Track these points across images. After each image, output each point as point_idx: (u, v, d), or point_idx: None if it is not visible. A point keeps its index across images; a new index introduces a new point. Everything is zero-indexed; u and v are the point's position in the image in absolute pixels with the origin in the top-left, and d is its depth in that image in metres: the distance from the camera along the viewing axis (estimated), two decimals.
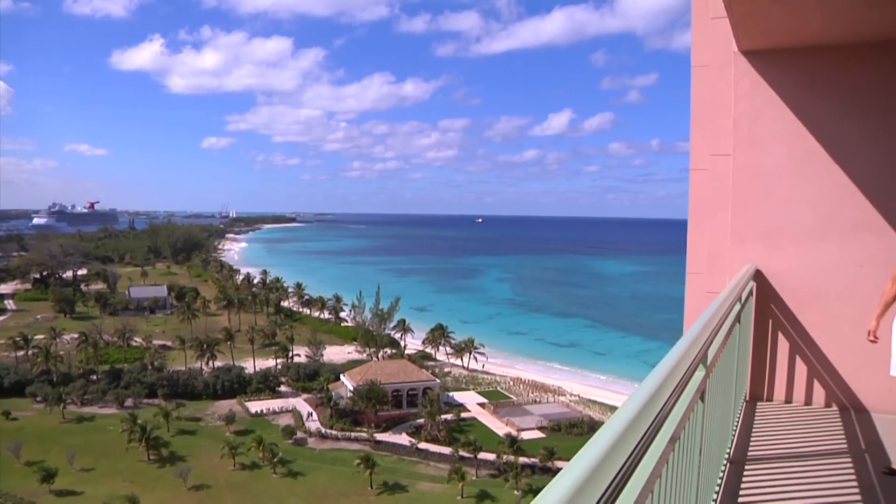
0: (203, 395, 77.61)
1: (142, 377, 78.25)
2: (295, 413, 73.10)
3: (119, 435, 64.08)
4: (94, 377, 79.93)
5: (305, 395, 77.44)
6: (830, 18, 5.99)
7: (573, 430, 66.10)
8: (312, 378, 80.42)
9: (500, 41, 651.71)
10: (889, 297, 5.23)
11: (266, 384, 79.61)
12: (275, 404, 75.56)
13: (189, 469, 59.65)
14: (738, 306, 4.80)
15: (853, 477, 5.01)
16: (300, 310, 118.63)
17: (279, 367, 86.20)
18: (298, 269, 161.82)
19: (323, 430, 69.04)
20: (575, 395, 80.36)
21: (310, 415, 71.02)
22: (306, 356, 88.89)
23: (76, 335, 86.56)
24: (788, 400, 6.82)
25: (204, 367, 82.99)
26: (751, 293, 6.52)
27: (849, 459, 5.36)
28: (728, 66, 7.00)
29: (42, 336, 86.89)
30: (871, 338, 5.37)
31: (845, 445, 5.68)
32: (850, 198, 6.35)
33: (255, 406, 74.92)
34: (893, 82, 6.58)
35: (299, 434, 68.56)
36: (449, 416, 70.24)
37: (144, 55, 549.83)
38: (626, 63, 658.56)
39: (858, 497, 4.65)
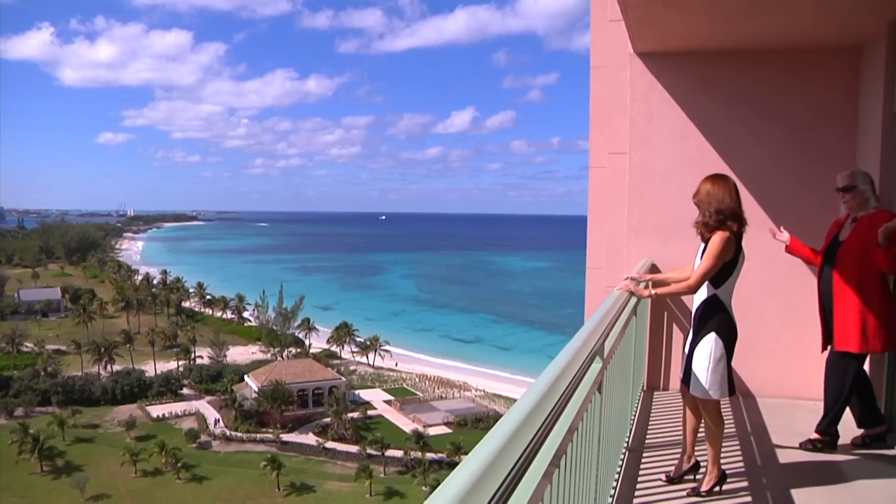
0: (101, 400, 73.94)
1: (34, 384, 73.91)
2: (198, 416, 71.15)
3: (8, 447, 60.15)
4: None
5: (209, 398, 75.31)
6: (716, 25, 6.26)
7: (479, 424, 66.74)
8: (216, 380, 78.19)
9: (403, 39, 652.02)
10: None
11: (168, 387, 76.83)
12: (177, 408, 73.11)
13: (87, 479, 56.88)
14: (634, 300, 4.94)
15: (740, 458, 5.26)
16: (202, 310, 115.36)
17: (181, 369, 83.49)
18: (200, 269, 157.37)
19: (228, 432, 67.37)
20: (480, 390, 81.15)
21: (217, 421, 69.13)
22: (209, 357, 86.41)
23: None
24: None
25: (102, 372, 79.53)
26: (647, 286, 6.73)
27: (736, 442, 5.62)
28: (625, 67, 7.22)
29: None
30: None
31: (734, 430, 5.94)
32: None
33: (157, 410, 72.32)
34: (770, 86, 6.97)
35: (203, 437, 66.63)
36: (355, 415, 69.78)
37: (32, 44, 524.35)
38: (527, 62, 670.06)
39: (745, 478, 4.88)
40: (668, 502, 4.47)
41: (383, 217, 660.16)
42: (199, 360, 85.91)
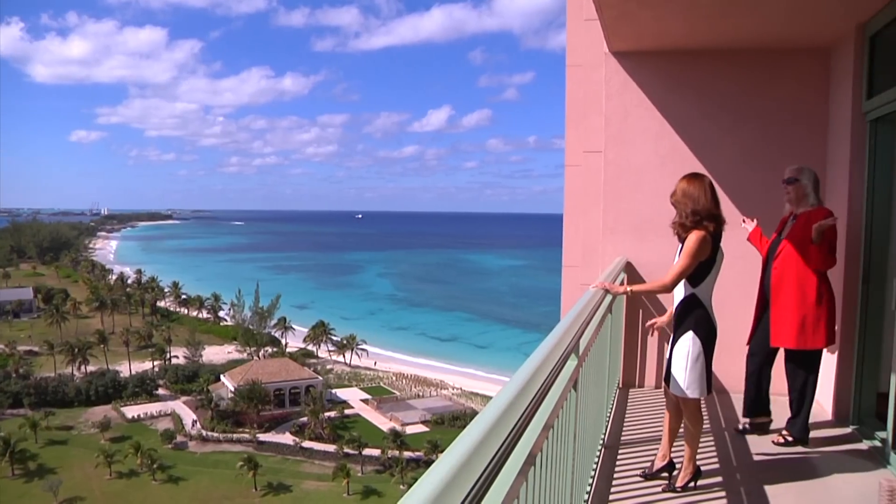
0: (75, 402, 72.83)
1: (5, 386, 72.82)
2: (174, 416, 70.56)
3: None
4: None
5: (185, 398, 74.64)
6: (691, 26, 6.31)
7: (456, 422, 66.76)
8: (192, 379, 77.54)
9: (379, 37, 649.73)
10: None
11: (143, 388, 75.93)
12: (153, 408, 72.38)
13: (60, 482, 56.01)
14: (609, 297, 4.97)
15: (715, 455, 5.31)
16: (177, 310, 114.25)
17: (157, 369, 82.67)
18: (175, 268, 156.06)
19: (204, 432, 66.85)
20: (457, 389, 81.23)
21: (194, 422, 68.52)
22: (185, 357, 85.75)
23: None
24: (658, 386, 7.12)
25: (75, 373, 78.52)
26: (622, 284, 6.77)
27: (711, 438, 5.67)
28: (600, 66, 7.26)
29: None
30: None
31: (709, 426, 6.00)
32: None
33: (132, 411, 71.51)
34: (744, 86, 7.05)
35: (179, 438, 66.02)
36: (332, 414, 69.55)
37: (2, 40, 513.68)
38: (503, 61, 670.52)
39: (719, 474, 4.93)
40: (644, 498, 4.49)
41: (359, 216, 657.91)
42: (174, 360, 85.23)
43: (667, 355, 4.66)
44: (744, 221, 6.06)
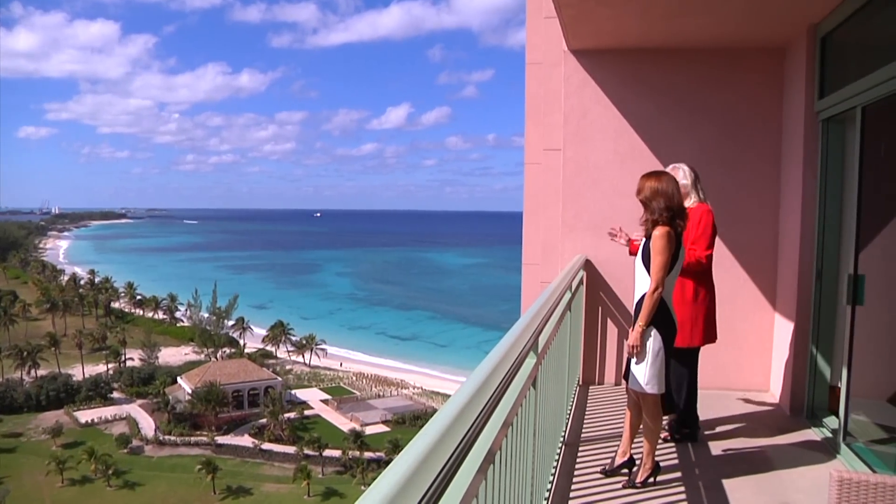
0: (24, 407, 70.93)
1: None
2: (130, 420, 69.34)
3: None
4: None
5: (141, 401, 73.37)
6: (649, 24, 6.38)
7: (417, 422, 66.68)
8: (148, 382, 76.23)
9: (337, 34, 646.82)
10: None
11: (97, 391, 74.28)
12: (107, 412, 70.95)
13: (8, 491, 54.44)
14: (568, 295, 4.99)
15: (674, 450, 5.38)
16: (132, 311, 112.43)
17: (111, 372, 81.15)
18: (130, 268, 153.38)
19: (160, 436, 65.86)
20: (418, 388, 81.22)
21: (150, 425, 67.37)
22: (140, 359, 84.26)
23: None
24: (618, 383, 7.19)
25: (25, 377, 76.62)
26: (581, 282, 6.82)
27: (668, 434, 5.73)
28: (560, 64, 7.28)
29: None
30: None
31: (665, 420, 6.07)
32: None
33: (86, 416, 69.95)
34: (701, 84, 7.15)
35: (135, 442, 64.87)
36: (292, 415, 69.10)
37: None
38: (462, 59, 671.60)
39: (678, 469, 5.00)
40: (605, 494, 4.53)
41: (318, 214, 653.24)
42: (129, 363, 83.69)
43: (626, 352, 4.69)
44: (613, 236, 5.66)
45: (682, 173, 5.56)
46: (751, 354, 7.11)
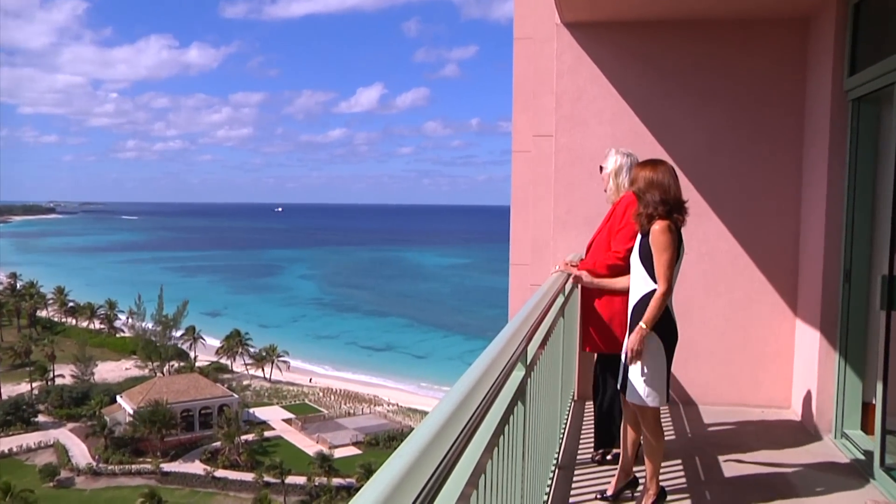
0: None
1: None
2: (58, 448, 68.53)
3: None
4: None
5: (72, 425, 72.71)
6: None
7: (392, 443, 66.71)
8: (81, 402, 75.45)
9: (299, 3, 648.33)
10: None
11: (17, 415, 73.07)
12: (30, 439, 70.01)
13: None
14: (561, 298, 4.98)
15: (682, 473, 5.40)
16: (63, 320, 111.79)
17: (36, 392, 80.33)
18: (60, 271, 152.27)
19: (95, 465, 65.24)
20: (393, 405, 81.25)
21: (91, 457, 66.49)
22: (72, 376, 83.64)
23: None
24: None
25: None
26: (576, 284, 6.82)
27: (677, 455, 5.74)
28: (552, 39, 7.27)
29: None
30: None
31: (674, 441, 6.10)
32: None
33: (3, 444, 68.97)
34: (711, 61, 7.12)
35: (64, 473, 64.09)
36: (250, 437, 68.88)
37: None
38: (441, 33, 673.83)
39: (687, 493, 5.02)
40: None
41: (279, 209, 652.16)
42: (59, 381, 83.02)
43: (622, 360, 4.71)
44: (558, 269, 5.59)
45: (610, 161, 5.63)
46: (770, 366, 7.15)
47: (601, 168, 5.72)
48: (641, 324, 4.47)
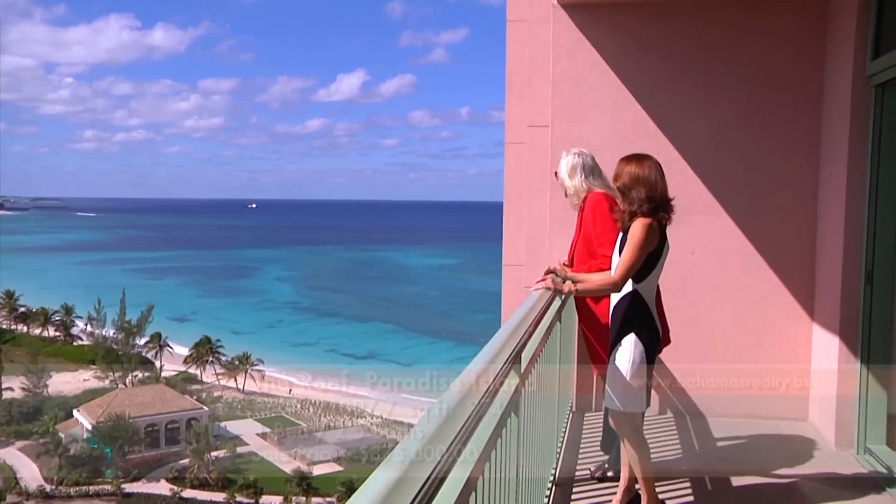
0: None
1: None
2: (4, 469, 68.19)
3: None
4: None
5: (21, 443, 72.25)
6: None
7: (377, 458, 66.67)
8: (32, 418, 75.01)
9: None
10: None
11: None
12: None
13: None
14: (557, 302, 4.99)
15: (689, 489, 5.41)
16: (13, 327, 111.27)
17: None
18: (9, 273, 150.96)
19: (48, 487, 64.90)
20: (377, 417, 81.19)
21: (44, 479, 65.93)
22: (23, 389, 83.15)
23: None
24: None
25: None
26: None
27: (685, 470, 5.80)
28: (548, 21, 7.26)
29: None
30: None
31: (681, 455, 6.11)
32: (679, 176, 6.63)
33: None
34: (720, 45, 7.12)
35: (10, 498, 63.61)
36: (222, 453, 68.67)
37: None
38: (428, 15, 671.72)
39: None
40: None
41: (253, 205, 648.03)
42: (7, 394, 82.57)
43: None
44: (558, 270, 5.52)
45: (563, 163, 5.73)
46: (785, 375, 7.12)
47: (556, 174, 5.82)
48: (574, 285, 4.75)
